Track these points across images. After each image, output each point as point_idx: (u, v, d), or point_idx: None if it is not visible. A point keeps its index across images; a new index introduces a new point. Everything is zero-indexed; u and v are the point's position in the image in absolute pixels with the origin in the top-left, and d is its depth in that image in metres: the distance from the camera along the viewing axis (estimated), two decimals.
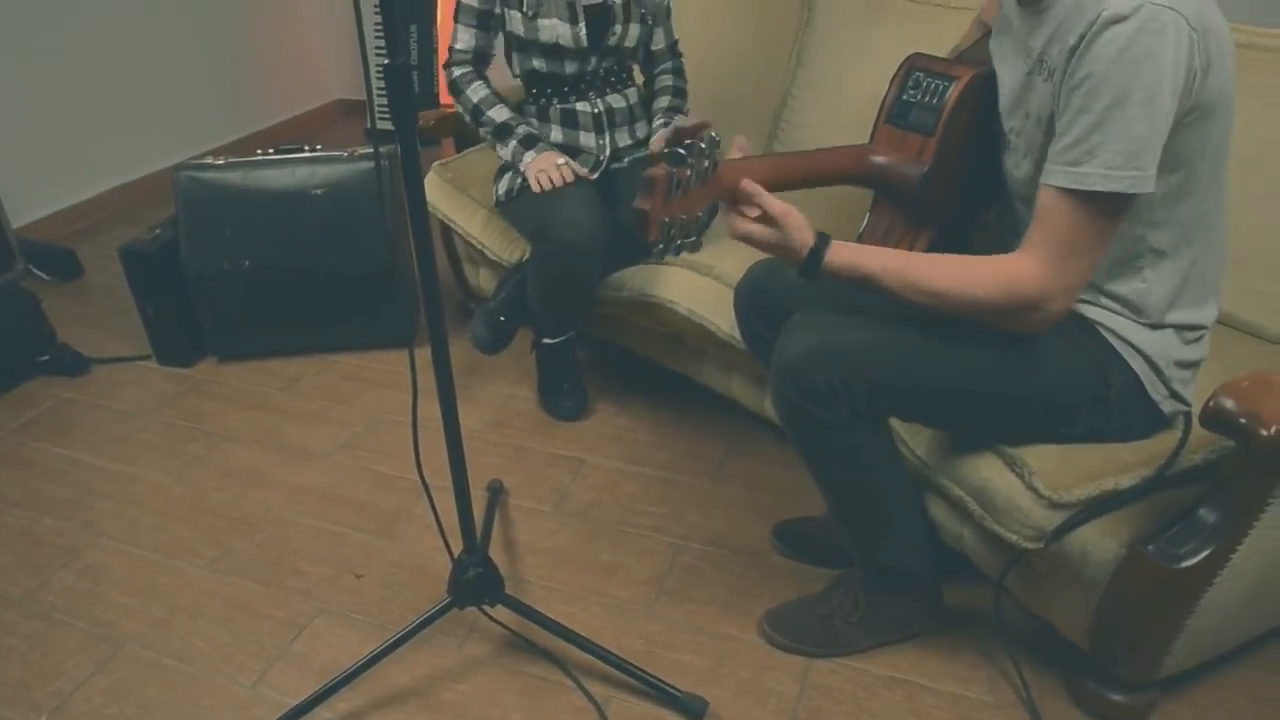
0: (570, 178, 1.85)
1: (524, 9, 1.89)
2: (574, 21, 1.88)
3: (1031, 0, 1.14)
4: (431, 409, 1.27)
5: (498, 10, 1.93)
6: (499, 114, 1.95)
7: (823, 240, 1.16)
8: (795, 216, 1.16)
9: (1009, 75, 1.23)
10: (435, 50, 3.93)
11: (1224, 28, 1.04)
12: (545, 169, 1.86)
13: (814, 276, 1.17)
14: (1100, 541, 1.21)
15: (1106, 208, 1.05)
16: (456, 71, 1.98)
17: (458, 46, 1.97)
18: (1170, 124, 1.02)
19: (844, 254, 1.16)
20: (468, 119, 2.01)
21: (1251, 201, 1.49)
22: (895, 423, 1.43)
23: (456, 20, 1.95)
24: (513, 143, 1.93)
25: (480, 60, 1.99)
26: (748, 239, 1.18)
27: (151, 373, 2.37)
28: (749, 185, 1.16)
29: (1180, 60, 0.99)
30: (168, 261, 2.24)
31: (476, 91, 1.97)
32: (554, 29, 1.88)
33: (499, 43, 2.01)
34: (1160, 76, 0.98)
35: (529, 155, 1.91)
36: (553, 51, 1.92)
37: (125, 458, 2.04)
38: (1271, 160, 1.51)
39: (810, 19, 2.23)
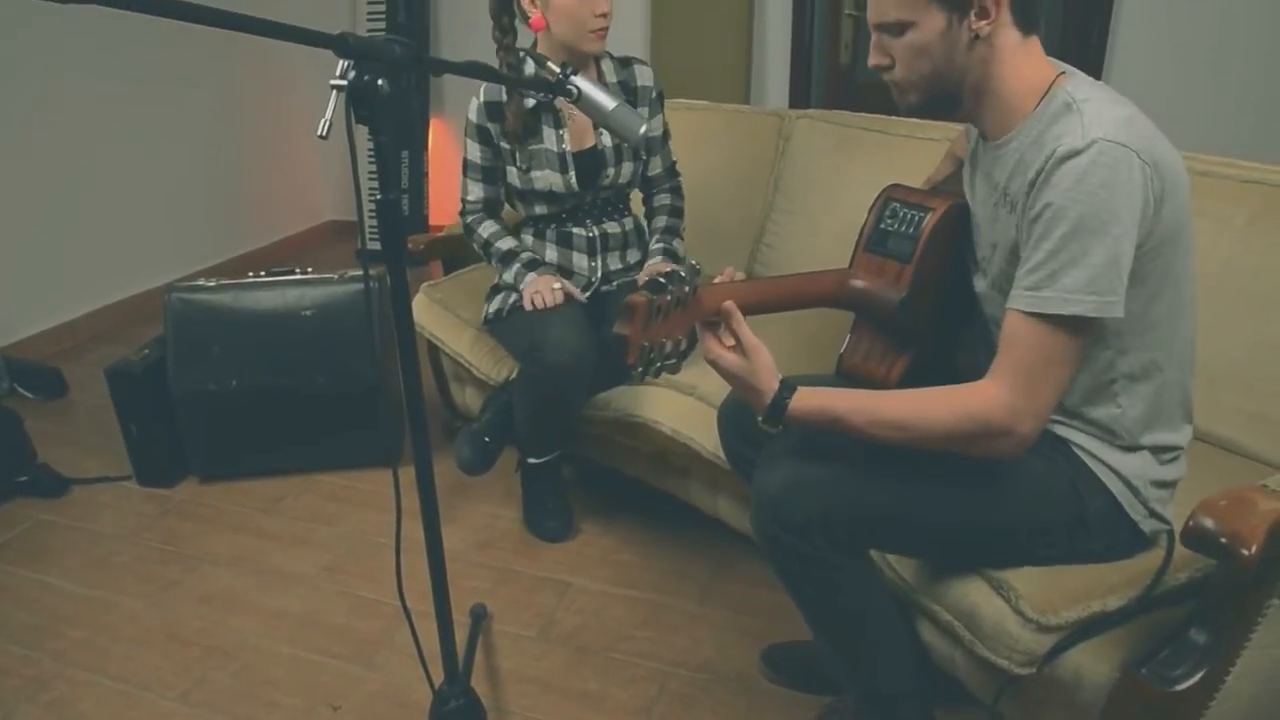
0: (561, 299, 1.90)
1: (518, 164, 1.98)
2: (564, 170, 1.97)
3: (994, 136, 1.21)
4: (416, 530, 1.26)
5: (500, 165, 2.03)
6: (505, 244, 2.04)
7: (787, 387, 1.18)
8: (765, 355, 1.18)
9: (978, 206, 1.28)
10: (426, 174, 4.07)
11: (1176, 159, 1.10)
12: (541, 290, 1.91)
13: (777, 423, 1.18)
14: (1092, 665, 1.19)
15: (1068, 331, 1.08)
16: (469, 218, 2.09)
17: (469, 199, 2.07)
18: (1133, 251, 1.06)
19: (811, 399, 1.17)
20: (479, 251, 2.10)
21: (1217, 320, 1.53)
22: None
23: (465, 175, 2.07)
24: (516, 266, 1.99)
25: (490, 208, 2.09)
26: (717, 364, 1.20)
27: (132, 493, 2.34)
28: (729, 306, 1.19)
29: (1135, 191, 1.04)
30: (154, 381, 2.24)
31: (487, 229, 2.06)
32: (547, 179, 1.97)
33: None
34: (1116, 207, 1.03)
35: (530, 276, 1.97)
36: (549, 197, 2.01)
37: (100, 583, 1.99)
38: (1231, 280, 1.57)
39: (786, 148, 2.33)
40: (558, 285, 1.92)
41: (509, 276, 2.01)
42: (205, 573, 2.02)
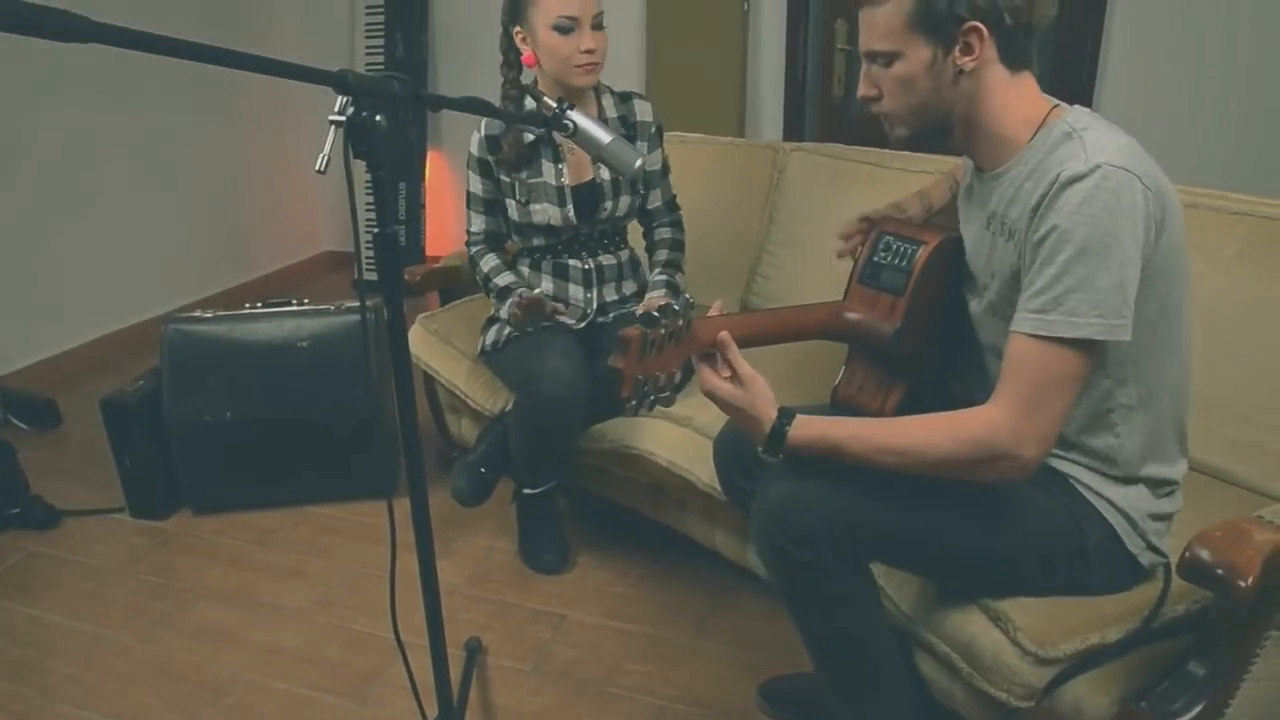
0: (553, 314, 1.92)
1: (517, 197, 2.00)
2: (562, 204, 1.99)
3: (989, 167, 1.22)
4: (410, 562, 1.25)
5: (500, 197, 2.06)
6: (503, 280, 2.06)
7: (786, 416, 1.18)
8: (762, 385, 1.19)
9: (972, 235, 1.30)
10: (423, 205, 4.09)
11: (1173, 192, 1.11)
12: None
13: (777, 452, 1.19)
14: (1092, 698, 1.18)
15: (1074, 354, 1.08)
16: (473, 249, 2.13)
17: (472, 230, 2.12)
18: (1138, 275, 1.07)
19: (810, 428, 1.18)
20: (479, 284, 2.13)
21: (1210, 351, 1.54)
22: (880, 577, 1.42)
23: (469, 207, 2.11)
24: (511, 299, 2.00)
25: (493, 239, 2.13)
26: (714, 395, 1.20)
27: (124, 526, 2.32)
28: (724, 337, 1.20)
29: (1137, 215, 1.05)
30: (148, 412, 2.24)
31: (488, 263, 2.10)
32: (545, 212, 1.99)
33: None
34: (1120, 230, 1.04)
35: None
36: (547, 230, 2.03)
37: (91, 616, 1.98)
38: (1223, 311, 1.58)
39: (781, 181, 2.35)
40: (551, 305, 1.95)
41: (504, 313, 2.02)
42: (198, 606, 2.01)
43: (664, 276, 2.10)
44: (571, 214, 2.00)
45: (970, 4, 1.09)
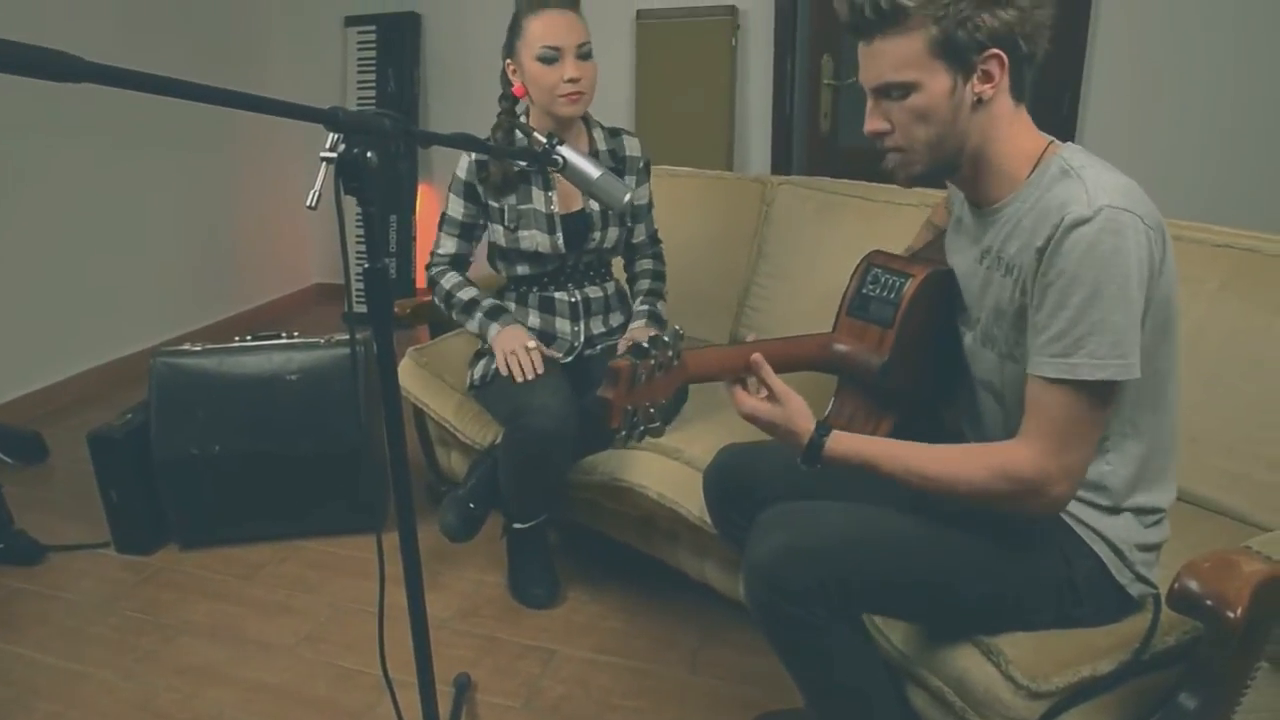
0: (540, 368, 1.89)
1: (505, 222, 2.00)
2: (552, 231, 2.00)
3: (986, 203, 1.23)
4: (399, 597, 1.24)
5: (481, 222, 2.06)
6: (466, 294, 2.04)
7: (823, 429, 1.21)
8: (798, 400, 1.22)
9: (964, 269, 1.31)
10: (414, 238, 4.11)
11: (1166, 229, 1.13)
12: (515, 350, 1.90)
13: (815, 463, 1.21)
14: None
15: (1097, 395, 1.10)
16: (434, 269, 2.09)
17: (439, 251, 2.08)
18: (1141, 315, 1.08)
19: (845, 443, 1.21)
20: (440, 305, 2.10)
21: (1196, 382, 1.55)
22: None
23: (441, 229, 2.08)
24: (479, 315, 1.99)
25: (459, 264, 2.10)
26: (753, 416, 1.22)
27: (109, 561, 2.30)
28: (759, 359, 1.22)
29: (1142, 256, 1.07)
30: (135, 446, 2.23)
31: (450, 280, 2.06)
32: (533, 239, 2.00)
33: (480, 249, 2.13)
34: (1128, 271, 1.06)
35: (494, 327, 1.97)
36: (534, 258, 2.03)
37: (74, 654, 1.95)
38: (1207, 342, 1.59)
39: (769, 214, 2.38)
40: (532, 344, 1.92)
41: (473, 327, 2.01)
42: (182, 643, 1.98)
43: (646, 306, 2.11)
44: (560, 242, 2.01)
45: (991, 31, 1.09)
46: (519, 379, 1.88)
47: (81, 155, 3.26)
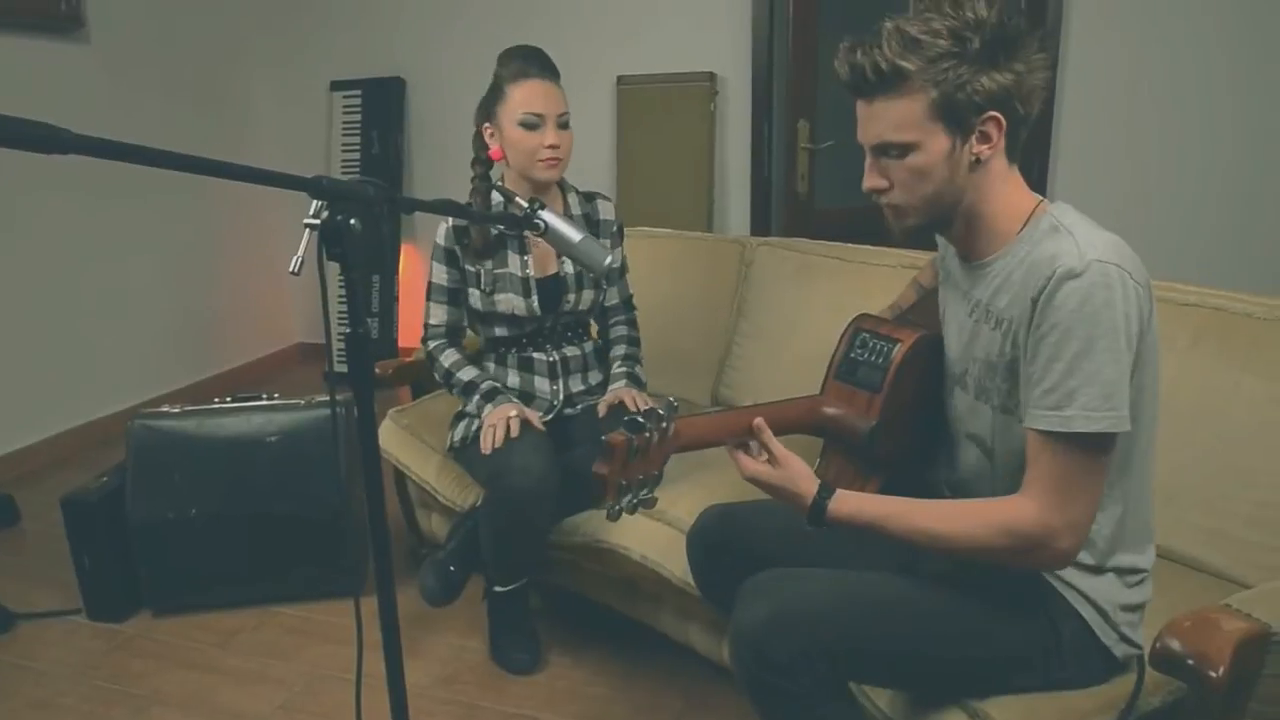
0: (516, 432, 1.89)
1: (481, 287, 2.03)
2: (527, 295, 2.02)
3: (976, 257, 1.26)
4: (377, 664, 1.22)
5: (466, 286, 2.07)
6: (466, 374, 2.05)
7: (825, 491, 1.22)
8: (799, 462, 1.23)
9: (954, 322, 1.33)
10: (396, 298, 4.12)
11: (1152, 287, 1.15)
12: (496, 424, 1.90)
13: (820, 525, 1.22)
14: None
15: (1093, 447, 1.11)
16: (432, 344, 2.10)
17: (432, 322, 2.10)
18: (1130, 369, 1.10)
19: (848, 503, 1.22)
20: (440, 380, 2.11)
21: (1170, 439, 1.56)
22: None
23: (429, 298, 2.10)
24: (476, 398, 2.00)
25: (453, 333, 2.12)
26: (756, 480, 1.24)
27: (81, 628, 2.24)
28: (760, 424, 1.24)
29: (1131, 310, 1.09)
30: (110, 510, 2.19)
31: (448, 358, 2.08)
32: (510, 302, 2.02)
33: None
34: (1118, 325, 1.08)
35: (488, 407, 1.97)
36: (510, 320, 2.05)
37: None
38: (1180, 399, 1.60)
39: (748, 274, 2.41)
40: (514, 414, 1.92)
41: (470, 408, 2.03)
42: (153, 714, 1.93)
43: (624, 369, 2.13)
44: (536, 305, 2.02)
45: (989, 94, 1.12)
46: (485, 449, 1.87)
47: (61, 214, 3.26)
